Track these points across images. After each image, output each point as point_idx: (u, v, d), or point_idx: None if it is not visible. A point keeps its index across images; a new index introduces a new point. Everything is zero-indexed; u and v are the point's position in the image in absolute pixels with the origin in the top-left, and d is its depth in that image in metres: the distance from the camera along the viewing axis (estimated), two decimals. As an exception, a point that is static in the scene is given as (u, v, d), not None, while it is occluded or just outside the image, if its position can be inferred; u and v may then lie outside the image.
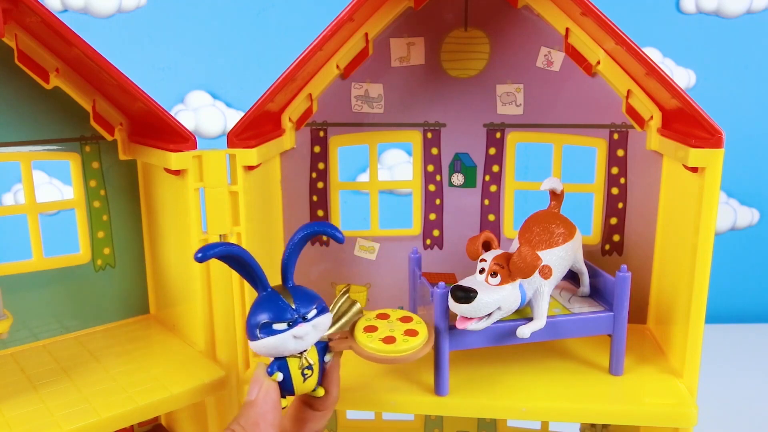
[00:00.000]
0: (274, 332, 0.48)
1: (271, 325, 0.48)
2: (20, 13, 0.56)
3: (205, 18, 1.44)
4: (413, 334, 0.52)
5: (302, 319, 0.49)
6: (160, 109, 0.61)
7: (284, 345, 0.48)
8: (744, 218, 1.51)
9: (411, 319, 0.54)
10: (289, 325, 0.48)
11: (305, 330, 0.48)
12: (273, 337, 0.48)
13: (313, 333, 0.49)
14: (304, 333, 0.48)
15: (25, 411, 0.55)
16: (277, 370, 0.49)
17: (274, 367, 0.49)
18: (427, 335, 0.53)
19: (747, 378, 1.24)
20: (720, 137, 0.56)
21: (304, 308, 0.49)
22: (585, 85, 0.69)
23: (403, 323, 0.53)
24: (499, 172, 0.73)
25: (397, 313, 0.55)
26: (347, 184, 0.76)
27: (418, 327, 0.53)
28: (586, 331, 0.61)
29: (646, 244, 0.71)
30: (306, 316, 0.49)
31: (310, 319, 0.49)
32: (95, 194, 0.71)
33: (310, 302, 0.50)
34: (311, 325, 0.49)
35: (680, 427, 0.58)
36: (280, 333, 0.48)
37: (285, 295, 0.50)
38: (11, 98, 0.65)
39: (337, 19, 0.61)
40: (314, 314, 0.49)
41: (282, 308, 0.48)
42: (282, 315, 0.48)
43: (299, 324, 0.48)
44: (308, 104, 0.72)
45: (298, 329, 0.48)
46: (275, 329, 0.48)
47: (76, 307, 0.71)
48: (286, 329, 0.48)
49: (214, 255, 0.48)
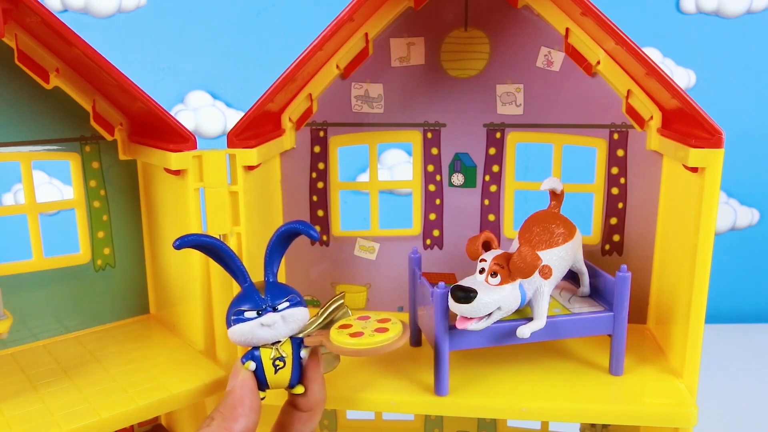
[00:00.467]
0: (244, 319, 0.52)
1: (243, 313, 0.52)
2: (20, 13, 0.56)
3: (205, 18, 1.44)
4: (382, 331, 0.53)
5: (272, 309, 0.52)
6: (160, 109, 0.61)
7: (252, 332, 0.52)
8: (744, 218, 1.51)
9: (389, 320, 0.55)
10: (258, 313, 0.52)
11: (273, 319, 0.52)
12: (242, 324, 0.52)
13: (282, 323, 0.52)
14: (271, 321, 0.51)
15: (25, 411, 0.55)
16: (250, 359, 0.52)
17: (247, 356, 0.53)
18: (398, 333, 0.53)
19: (747, 378, 1.24)
20: (720, 137, 0.56)
21: (274, 299, 0.52)
22: (585, 85, 0.69)
23: (378, 323, 0.55)
24: (499, 172, 0.73)
25: (379, 315, 0.56)
26: (347, 184, 0.76)
27: (391, 326, 0.54)
28: (586, 331, 0.61)
29: (646, 244, 0.71)
30: (276, 307, 0.52)
31: (280, 309, 0.52)
32: (95, 194, 0.71)
33: (282, 294, 0.53)
34: (280, 316, 0.52)
35: (680, 427, 0.58)
36: (249, 320, 0.51)
37: (260, 287, 0.53)
38: (11, 98, 0.65)
39: (337, 19, 0.61)
40: (286, 306, 0.53)
41: (254, 298, 0.52)
42: (253, 304, 0.52)
43: (268, 313, 0.52)
44: (308, 104, 0.72)
45: (265, 318, 0.51)
46: (245, 317, 0.52)
47: (76, 307, 0.71)
48: (255, 317, 0.52)
49: (190, 243, 0.51)
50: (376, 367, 0.65)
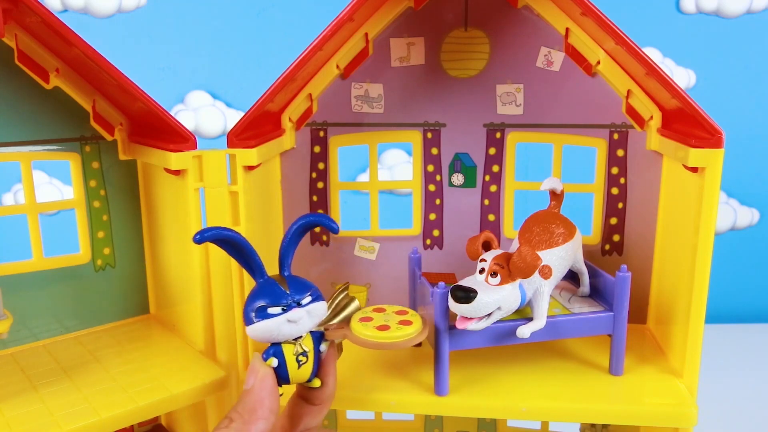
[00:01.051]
0: (268, 316, 0.50)
1: (266, 309, 0.50)
2: (20, 13, 0.56)
3: (205, 18, 1.44)
4: (407, 324, 0.53)
5: (296, 304, 0.51)
6: (160, 109, 0.61)
7: (278, 329, 0.50)
8: (744, 218, 1.51)
9: (406, 312, 0.56)
10: (284, 309, 0.50)
11: (299, 314, 0.50)
12: (268, 321, 0.50)
13: (307, 318, 0.51)
14: (298, 317, 0.50)
15: (25, 411, 0.55)
16: (273, 356, 0.51)
17: (269, 353, 0.51)
18: (421, 326, 0.54)
19: (747, 378, 1.24)
20: (720, 137, 0.56)
21: (298, 294, 0.51)
22: (585, 85, 0.69)
23: (398, 315, 0.55)
24: (499, 172, 0.73)
25: (394, 308, 0.56)
26: (347, 184, 0.76)
27: (413, 318, 0.54)
28: (586, 331, 0.61)
29: (646, 244, 0.71)
30: (300, 302, 0.51)
31: (304, 304, 0.51)
32: (95, 194, 0.71)
33: (305, 289, 0.52)
34: (305, 311, 0.51)
35: (680, 427, 0.58)
36: (275, 317, 0.50)
37: (281, 282, 0.52)
38: (11, 98, 0.65)
39: (337, 19, 0.61)
40: (309, 300, 0.51)
41: (277, 293, 0.51)
42: (277, 300, 0.50)
43: (293, 309, 0.50)
44: (308, 104, 0.72)
45: (292, 313, 0.50)
46: (270, 313, 0.50)
47: (76, 307, 0.71)
48: (280, 313, 0.50)
49: (210, 237, 0.50)
50: (377, 367, 0.65)
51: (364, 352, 0.67)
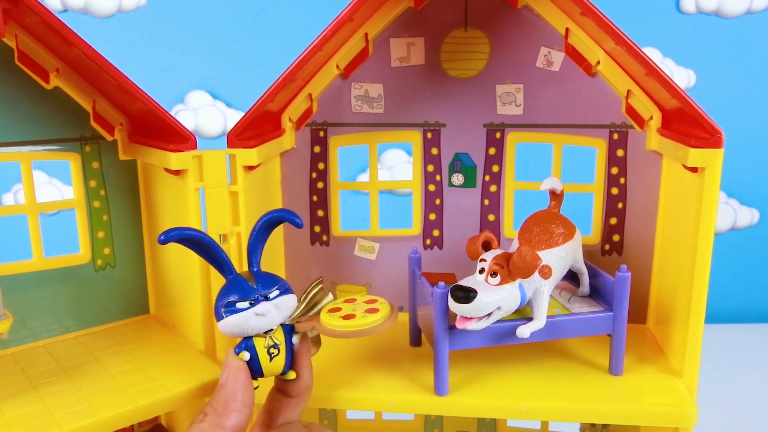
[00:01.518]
0: (237, 310, 0.51)
1: (235, 304, 0.51)
2: (20, 13, 0.56)
3: (205, 18, 1.44)
4: (373, 312, 0.54)
5: (264, 298, 0.52)
6: (160, 109, 0.61)
7: (247, 322, 0.51)
8: (744, 218, 1.51)
9: (375, 300, 0.56)
10: (251, 303, 0.51)
11: (267, 308, 0.52)
12: (236, 315, 0.51)
13: (276, 312, 0.52)
14: (265, 311, 0.51)
15: (25, 411, 0.55)
16: (244, 350, 0.52)
17: (241, 347, 0.53)
18: (388, 312, 0.54)
19: (747, 378, 1.24)
20: (720, 137, 0.56)
21: (266, 288, 0.52)
22: (585, 85, 0.69)
23: (366, 304, 0.55)
24: (499, 172, 0.73)
25: (365, 297, 0.57)
26: (347, 184, 0.76)
27: (380, 306, 0.55)
28: (586, 331, 0.61)
29: (646, 244, 0.71)
30: (268, 296, 0.52)
31: (272, 298, 0.52)
32: (95, 194, 0.71)
33: (272, 283, 0.53)
34: (273, 304, 0.52)
35: (680, 427, 0.58)
36: (243, 311, 0.51)
37: (249, 278, 0.53)
38: (11, 98, 0.65)
39: (337, 19, 0.61)
40: (276, 294, 0.53)
41: (245, 288, 0.52)
42: (244, 294, 0.52)
43: (261, 302, 0.52)
44: (308, 104, 0.72)
45: (259, 307, 0.51)
46: (238, 308, 0.51)
47: (76, 307, 0.71)
48: (248, 307, 0.51)
49: (174, 238, 0.51)
50: (377, 366, 0.65)
51: (364, 352, 0.68)
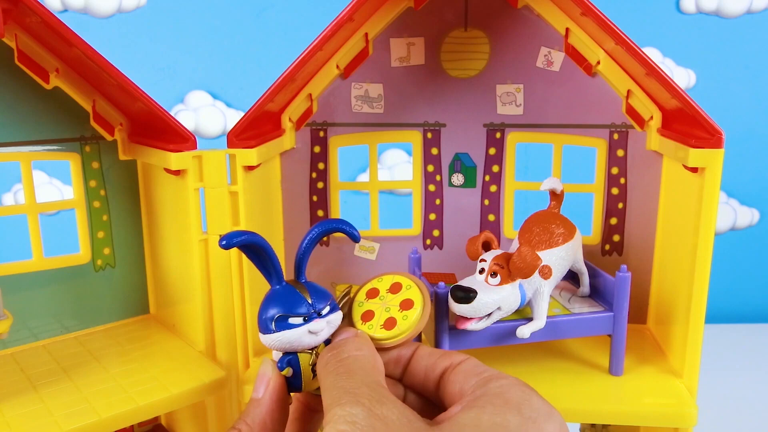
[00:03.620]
0: (290, 326, 0.47)
1: (287, 319, 0.47)
2: (20, 13, 0.56)
3: (205, 18, 1.44)
4: (409, 306, 0.49)
5: (317, 314, 0.48)
6: (160, 109, 0.61)
7: (299, 340, 0.47)
8: (744, 218, 1.51)
9: (400, 285, 0.51)
10: (305, 319, 0.47)
11: (320, 325, 0.48)
12: (289, 331, 0.47)
13: (327, 329, 0.48)
14: (319, 328, 0.47)
15: (25, 411, 0.55)
16: (288, 365, 0.48)
17: (284, 362, 0.48)
18: (422, 300, 0.49)
19: (747, 378, 1.24)
20: (720, 137, 0.56)
21: (319, 303, 0.48)
22: (585, 85, 0.69)
23: (394, 294, 0.51)
24: (499, 172, 0.73)
25: (385, 283, 0.52)
26: (347, 184, 0.76)
27: (411, 294, 0.50)
28: (586, 331, 0.61)
29: (646, 244, 0.71)
30: (321, 312, 0.48)
31: (324, 315, 0.48)
32: (95, 194, 0.71)
33: (324, 298, 0.49)
34: (326, 321, 0.48)
35: (680, 427, 0.58)
36: (296, 327, 0.47)
37: (300, 289, 0.49)
38: (11, 98, 0.65)
39: (337, 19, 0.61)
40: (328, 310, 0.49)
41: (298, 302, 0.48)
42: (298, 309, 0.48)
43: (315, 319, 0.48)
44: (308, 104, 0.72)
45: (313, 324, 0.47)
46: (291, 323, 0.47)
47: (76, 307, 0.71)
48: (301, 324, 0.47)
49: (239, 243, 0.47)
50: (376, 367, 0.65)
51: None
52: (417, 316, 0.48)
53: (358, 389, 0.41)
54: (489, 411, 0.39)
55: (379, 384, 0.42)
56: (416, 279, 0.51)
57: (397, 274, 0.52)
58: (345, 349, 0.46)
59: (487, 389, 0.42)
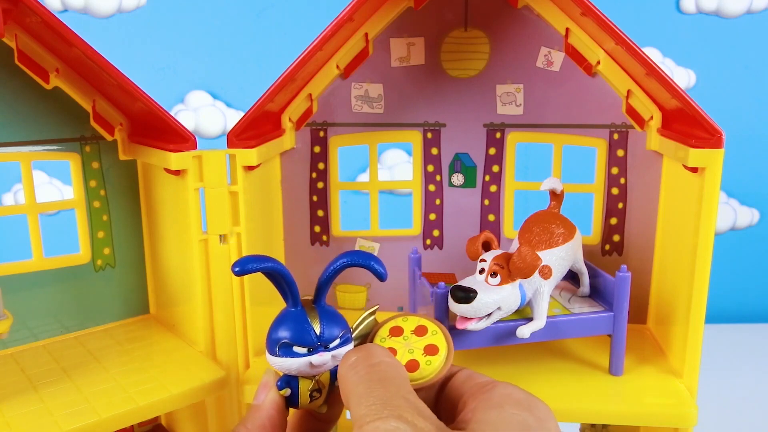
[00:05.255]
0: (293, 354, 0.46)
1: (292, 347, 0.46)
2: (20, 13, 0.56)
3: (205, 18, 1.44)
4: (434, 352, 0.49)
5: (323, 347, 0.47)
6: (160, 109, 0.61)
7: (299, 369, 0.47)
8: (744, 218, 1.51)
9: (426, 329, 0.50)
10: (309, 351, 0.46)
11: (324, 359, 0.47)
12: (291, 359, 0.46)
13: (331, 362, 0.47)
14: (322, 362, 0.47)
15: (25, 411, 0.55)
16: (286, 386, 0.48)
17: (283, 383, 0.48)
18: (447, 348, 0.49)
19: (747, 378, 1.24)
20: (720, 137, 0.56)
21: (328, 335, 0.47)
22: (585, 85, 0.69)
23: (418, 338, 0.50)
24: (499, 172, 0.73)
25: (410, 323, 0.51)
26: (347, 184, 0.76)
27: (436, 339, 0.50)
28: (586, 331, 0.61)
29: (646, 244, 0.71)
30: (328, 345, 0.47)
31: (331, 348, 0.47)
32: (95, 194, 0.71)
33: (335, 329, 0.48)
34: (331, 355, 0.47)
35: (680, 427, 0.58)
36: (299, 357, 0.46)
37: (312, 317, 0.48)
38: (11, 98, 0.65)
39: (337, 19, 0.61)
40: (337, 344, 0.47)
41: (305, 331, 0.47)
42: (304, 339, 0.47)
43: (319, 352, 0.47)
44: (308, 104, 0.72)
45: (317, 357, 0.46)
46: (295, 351, 0.46)
47: (76, 307, 0.71)
48: (305, 354, 0.46)
49: (253, 271, 0.46)
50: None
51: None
52: (440, 363, 0.48)
53: (396, 401, 0.40)
54: (508, 410, 0.40)
55: (415, 396, 0.41)
56: (442, 326, 0.50)
57: (423, 317, 0.51)
58: (375, 353, 0.45)
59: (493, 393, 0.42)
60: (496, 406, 0.41)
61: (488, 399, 0.42)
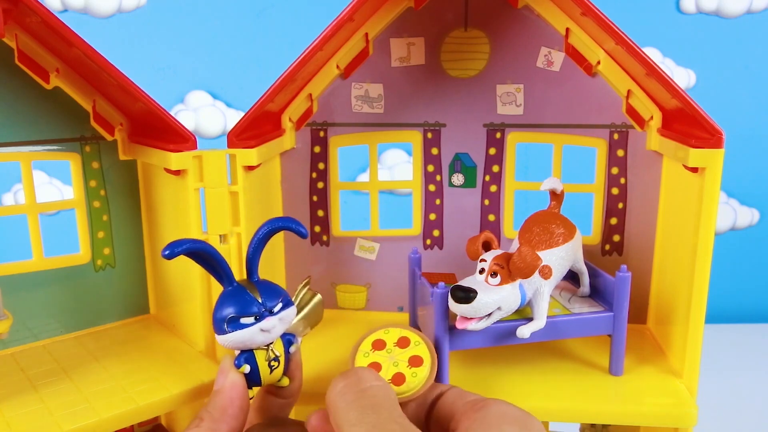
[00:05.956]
0: (241, 326, 0.49)
1: (239, 319, 0.49)
2: (20, 13, 0.56)
3: (205, 18, 1.44)
4: (418, 363, 0.50)
5: (269, 312, 0.50)
6: (161, 109, 0.61)
7: (252, 338, 0.49)
8: (744, 218, 1.51)
9: (408, 341, 0.51)
10: (256, 318, 0.49)
11: (272, 323, 0.50)
12: (241, 331, 0.49)
13: (279, 325, 0.50)
14: (270, 326, 0.49)
15: (25, 411, 0.55)
16: (245, 363, 0.50)
17: (241, 360, 0.50)
18: (431, 358, 0.50)
19: (747, 378, 1.24)
20: (720, 137, 0.56)
21: (270, 302, 0.50)
22: (585, 85, 0.69)
23: (402, 349, 0.51)
24: (499, 172, 0.73)
25: (392, 336, 0.52)
26: (347, 184, 0.76)
27: (419, 350, 0.51)
28: (586, 331, 0.61)
29: (646, 244, 0.71)
30: (272, 310, 0.50)
31: (276, 312, 0.50)
32: (95, 194, 0.71)
33: (275, 296, 0.51)
34: (277, 318, 0.50)
35: (680, 427, 0.58)
36: (248, 327, 0.49)
37: (251, 289, 0.51)
38: (11, 98, 0.65)
39: (337, 19, 0.61)
40: (280, 307, 0.50)
41: (249, 302, 0.50)
42: (249, 309, 0.49)
43: (266, 318, 0.49)
44: (308, 104, 0.72)
45: (265, 323, 0.49)
46: (243, 323, 0.49)
47: (76, 307, 0.71)
48: (253, 323, 0.49)
49: (182, 252, 0.48)
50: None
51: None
52: (425, 374, 0.49)
53: (389, 425, 0.40)
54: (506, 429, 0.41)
55: (406, 419, 0.42)
56: (423, 336, 0.52)
57: (404, 328, 0.53)
58: (364, 377, 0.45)
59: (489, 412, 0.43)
60: (493, 426, 0.41)
61: (484, 418, 0.42)
